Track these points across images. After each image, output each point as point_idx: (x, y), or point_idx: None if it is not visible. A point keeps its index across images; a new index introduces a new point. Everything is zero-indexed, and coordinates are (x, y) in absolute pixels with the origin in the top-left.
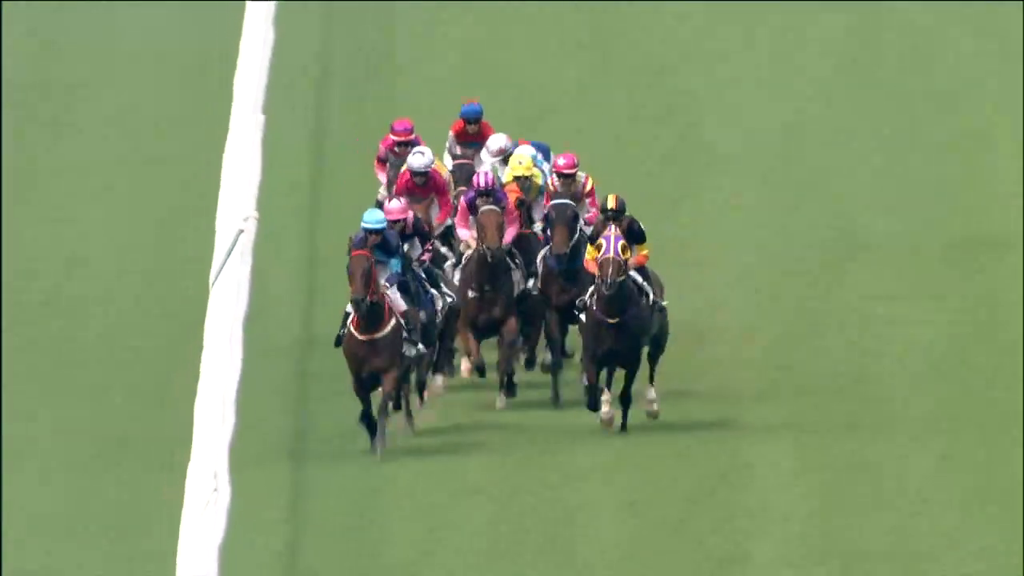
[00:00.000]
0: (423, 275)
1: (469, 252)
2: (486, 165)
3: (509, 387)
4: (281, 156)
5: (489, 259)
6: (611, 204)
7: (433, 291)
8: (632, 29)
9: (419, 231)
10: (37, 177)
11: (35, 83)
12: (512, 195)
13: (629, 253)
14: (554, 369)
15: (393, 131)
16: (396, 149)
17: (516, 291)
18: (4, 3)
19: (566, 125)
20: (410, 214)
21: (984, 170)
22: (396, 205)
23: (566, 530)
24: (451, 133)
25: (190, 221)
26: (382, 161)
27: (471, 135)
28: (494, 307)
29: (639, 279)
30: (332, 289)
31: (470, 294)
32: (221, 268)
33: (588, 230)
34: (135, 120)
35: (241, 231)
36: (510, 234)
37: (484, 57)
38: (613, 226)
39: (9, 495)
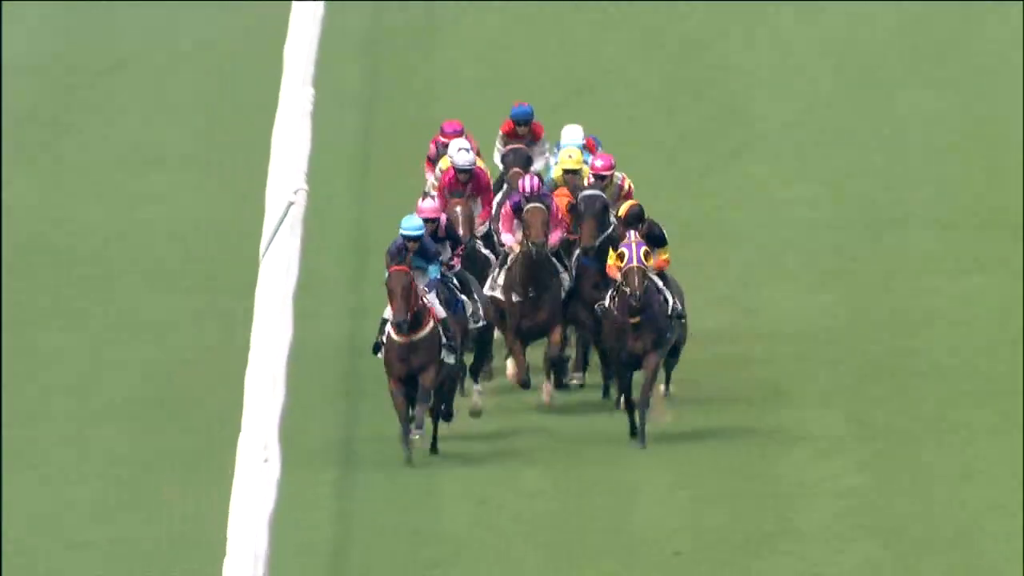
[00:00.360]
0: (455, 280)
1: (513, 255)
2: (539, 163)
3: (558, 384)
4: (330, 129)
5: (534, 255)
6: (622, 213)
7: (463, 297)
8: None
9: (451, 234)
10: (82, 153)
11: (63, 65)
12: (563, 199)
13: (651, 260)
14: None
15: (443, 132)
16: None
17: (563, 293)
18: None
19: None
20: (443, 216)
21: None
22: (429, 204)
23: (616, 509)
24: (500, 133)
25: (237, 198)
26: (432, 161)
27: (520, 136)
28: (539, 311)
29: (659, 284)
30: (380, 261)
31: (514, 298)
32: (271, 241)
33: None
34: (160, 105)
35: (291, 203)
36: (556, 236)
37: (518, 30)
38: (633, 232)
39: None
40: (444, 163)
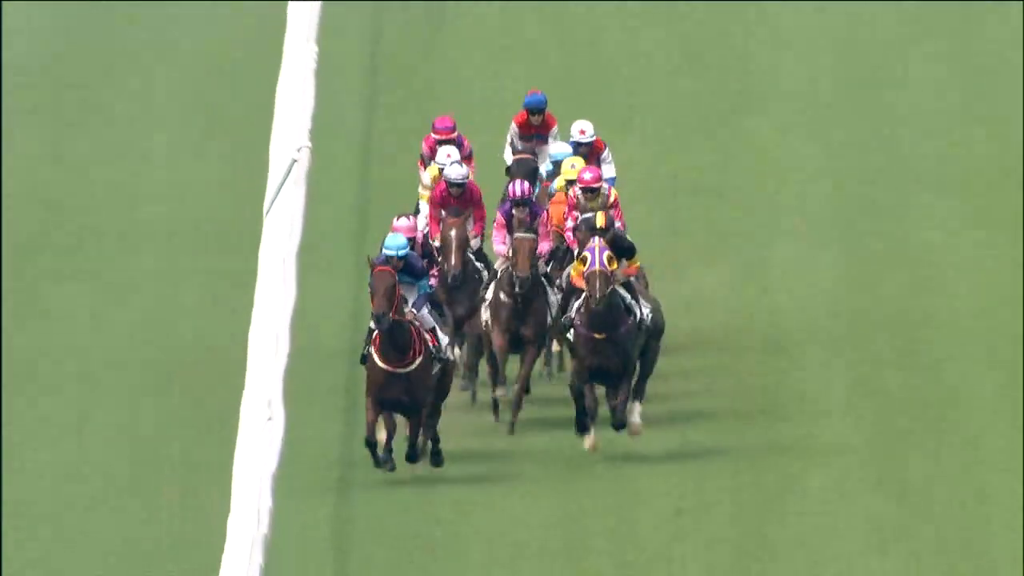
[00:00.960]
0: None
1: (504, 266)
2: (553, 147)
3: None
4: (334, 87)
5: (517, 288)
6: (600, 223)
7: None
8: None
9: (427, 253)
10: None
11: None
12: (559, 206)
13: (616, 264)
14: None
15: (435, 129)
16: (438, 148)
17: (550, 316)
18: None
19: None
20: (419, 234)
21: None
22: (404, 223)
23: (618, 468)
24: (514, 125)
25: (241, 156)
26: (424, 161)
27: (534, 126)
28: (525, 324)
29: (627, 297)
30: (385, 219)
31: (503, 297)
32: (275, 198)
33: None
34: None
35: (295, 161)
36: (544, 246)
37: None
38: (597, 238)
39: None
40: (434, 170)
